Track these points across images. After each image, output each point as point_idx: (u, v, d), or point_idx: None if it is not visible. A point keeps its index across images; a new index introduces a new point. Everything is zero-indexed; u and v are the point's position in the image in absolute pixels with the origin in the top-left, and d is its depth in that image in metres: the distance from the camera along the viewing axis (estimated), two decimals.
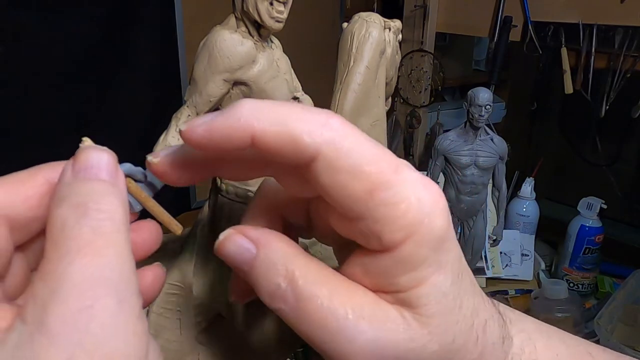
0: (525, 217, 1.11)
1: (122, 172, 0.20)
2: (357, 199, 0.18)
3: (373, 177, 0.18)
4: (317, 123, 0.18)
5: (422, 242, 0.18)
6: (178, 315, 0.55)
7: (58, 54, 1.01)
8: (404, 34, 1.18)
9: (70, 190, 0.18)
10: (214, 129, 0.19)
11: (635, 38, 0.98)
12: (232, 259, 0.21)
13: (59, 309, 0.15)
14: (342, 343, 0.19)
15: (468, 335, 0.20)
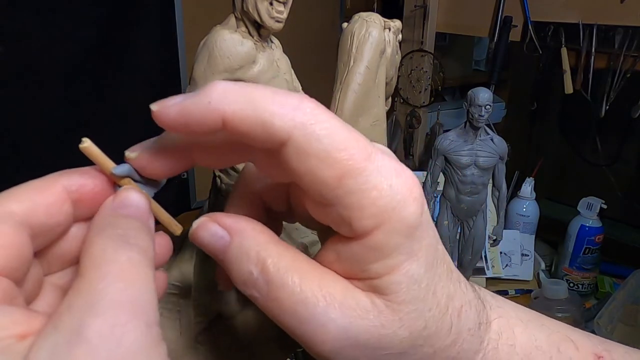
0: (525, 217, 1.11)
1: (152, 215, 0.22)
2: (327, 185, 0.18)
3: (343, 163, 0.18)
4: (289, 106, 0.18)
5: (393, 230, 0.18)
6: (178, 315, 0.55)
7: (58, 53, 1.01)
8: (404, 34, 1.18)
9: (111, 222, 0.19)
10: (186, 111, 0.19)
11: (635, 38, 0.98)
12: (206, 246, 0.22)
13: (97, 322, 0.16)
14: (313, 330, 0.19)
15: (441, 322, 0.21)
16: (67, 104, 1.03)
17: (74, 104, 1.04)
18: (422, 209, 0.19)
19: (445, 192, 0.83)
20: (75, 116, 1.03)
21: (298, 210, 0.24)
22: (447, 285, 0.21)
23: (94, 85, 1.08)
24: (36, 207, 0.19)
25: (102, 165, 0.21)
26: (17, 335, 0.16)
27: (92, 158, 0.21)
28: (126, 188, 0.21)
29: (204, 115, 0.18)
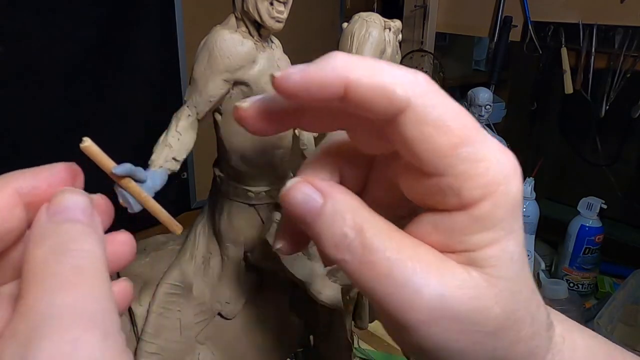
0: (525, 217, 1.11)
1: (97, 213, 0.20)
2: (441, 152, 0.18)
3: (457, 131, 0.18)
4: (407, 77, 0.18)
5: (499, 203, 0.18)
6: (178, 315, 0.55)
7: (58, 53, 1.01)
8: (404, 34, 1.18)
9: (48, 231, 0.18)
10: (308, 78, 0.19)
11: (635, 38, 0.97)
12: (298, 207, 0.21)
13: (43, 344, 0.15)
14: (407, 295, 0.19)
15: (527, 308, 0.20)
16: (67, 104, 1.03)
17: (74, 104, 1.04)
18: (522, 187, 0.20)
19: None
20: (75, 116, 1.03)
21: (375, 188, 0.24)
22: (530, 272, 0.21)
23: (94, 85, 1.08)
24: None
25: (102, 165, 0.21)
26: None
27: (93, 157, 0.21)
28: (63, 190, 0.20)
29: (328, 81, 0.18)
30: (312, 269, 0.53)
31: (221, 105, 0.48)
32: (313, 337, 0.63)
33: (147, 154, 0.43)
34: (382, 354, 0.83)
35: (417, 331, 0.19)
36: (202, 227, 0.57)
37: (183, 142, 0.45)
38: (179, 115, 0.46)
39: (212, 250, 0.57)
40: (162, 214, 0.23)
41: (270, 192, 0.53)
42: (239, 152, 0.51)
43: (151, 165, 0.42)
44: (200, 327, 0.57)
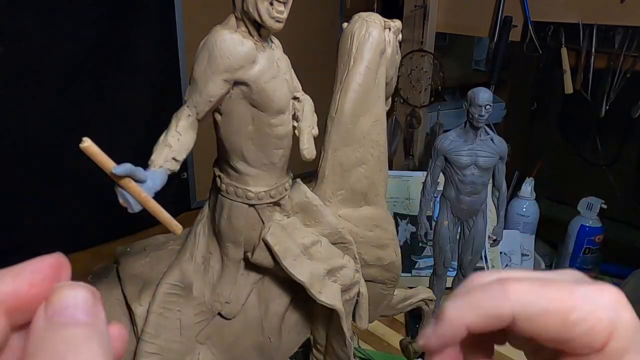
0: (525, 217, 1.11)
1: (102, 308, 0.18)
2: (558, 329, 0.22)
3: (560, 311, 0.22)
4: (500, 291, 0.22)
5: (622, 335, 0.22)
6: (178, 315, 0.55)
7: (58, 54, 1.01)
8: (404, 34, 1.18)
9: (46, 340, 0.16)
10: (482, 310, 0.22)
11: (635, 38, 0.98)
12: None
13: None
14: None
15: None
16: (67, 103, 1.03)
17: (74, 104, 1.04)
18: (632, 310, 0.22)
19: (445, 192, 0.83)
20: (75, 116, 1.03)
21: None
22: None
23: (94, 85, 1.08)
24: (10, 289, 0.17)
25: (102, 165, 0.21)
26: None
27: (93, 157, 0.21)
28: (60, 285, 0.18)
29: (500, 311, 0.22)
30: (312, 270, 0.53)
31: (221, 105, 0.48)
32: (313, 337, 0.63)
33: (147, 154, 0.43)
34: (382, 354, 0.83)
35: None
36: (202, 227, 0.57)
37: (183, 142, 0.45)
38: (179, 115, 0.46)
39: (212, 250, 0.57)
40: (162, 214, 0.23)
41: (270, 192, 0.53)
42: (239, 152, 0.51)
43: (151, 165, 0.42)
44: (200, 327, 0.57)
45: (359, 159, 0.58)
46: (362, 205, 0.61)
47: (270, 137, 0.50)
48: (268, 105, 0.48)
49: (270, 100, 0.48)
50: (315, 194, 0.57)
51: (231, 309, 0.57)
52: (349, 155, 0.58)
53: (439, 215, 0.85)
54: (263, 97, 0.48)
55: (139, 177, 0.23)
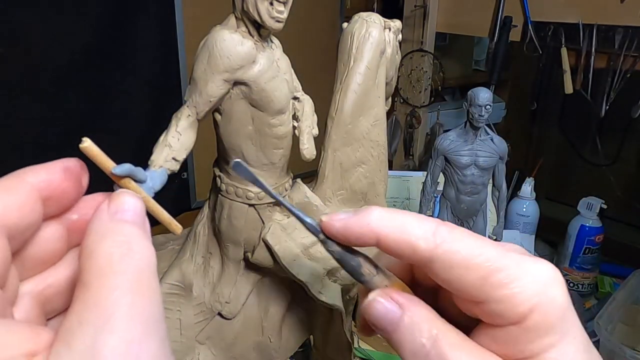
0: (525, 217, 1.11)
1: (147, 219, 0.21)
2: (474, 287, 0.21)
3: (484, 265, 0.21)
4: (429, 231, 0.22)
5: (546, 311, 0.20)
6: (178, 315, 0.55)
7: (58, 54, 1.01)
8: (404, 34, 1.18)
9: (110, 229, 0.19)
10: (349, 228, 0.23)
11: (635, 38, 0.97)
12: (379, 319, 0.23)
13: (112, 339, 0.16)
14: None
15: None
16: (67, 103, 1.03)
17: (73, 104, 1.04)
18: (566, 291, 0.21)
19: (445, 192, 0.83)
20: (75, 116, 1.03)
21: (441, 299, 0.26)
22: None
23: (94, 85, 1.08)
24: (9, 209, 0.18)
25: (102, 165, 0.21)
26: (27, 353, 0.16)
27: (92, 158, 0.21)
28: (121, 192, 0.21)
29: (363, 233, 0.23)
30: (312, 270, 0.53)
31: (221, 105, 0.48)
32: (313, 337, 0.63)
33: (147, 154, 0.43)
34: (382, 354, 0.83)
35: None
36: (202, 227, 0.57)
37: (183, 142, 0.45)
38: (179, 115, 0.46)
39: (212, 250, 0.57)
40: (162, 214, 0.23)
41: None
42: (239, 152, 0.51)
43: (151, 165, 0.42)
44: (200, 327, 0.57)
45: (359, 159, 0.58)
46: (362, 205, 0.61)
47: (270, 137, 0.50)
48: (268, 105, 0.48)
49: (270, 100, 0.48)
50: (315, 194, 0.57)
51: (231, 309, 0.57)
52: (349, 155, 0.58)
53: (438, 215, 0.85)
54: (263, 97, 0.48)
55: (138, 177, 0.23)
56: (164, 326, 0.18)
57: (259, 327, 0.59)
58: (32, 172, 0.20)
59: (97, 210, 0.20)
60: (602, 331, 0.75)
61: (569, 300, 0.21)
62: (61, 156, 0.21)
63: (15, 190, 0.19)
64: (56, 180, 0.20)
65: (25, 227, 0.19)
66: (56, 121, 1.01)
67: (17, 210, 0.19)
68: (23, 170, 0.20)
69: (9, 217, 0.18)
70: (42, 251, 0.21)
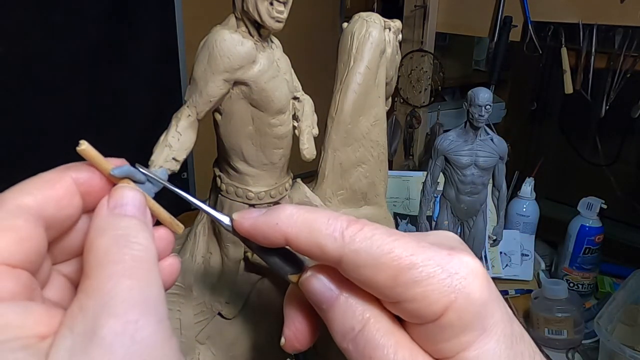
0: (525, 217, 1.11)
1: (148, 210, 0.22)
2: (385, 287, 0.20)
3: (392, 264, 0.20)
4: (337, 231, 0.21)
5: (462, 308, 0.19)
6: (178, 315, 0.55)
7: (58, 54, 1.01)
8: (404, 34, 1.18)
9: (110, 223, 0.20)
10: (257, 228, 0.23)
11: (635, 38, 0.98)
12: (316, 295, 0.23)
13: (110, 321, 0.17)
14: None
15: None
16: (67, 103, 1.03)
17: (73, 104, 1.04)
18: (488, 285, 0.20)
19: (445, 192, 0.83)
20: (75, 116, 1.03)
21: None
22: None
23: (94, 86, 1.08)
24: (48, 201, 0.20)
25: (100, 167, 0.21)
26: (39, 335, 0.17)
27: (90, 160, 0.21)
28: (120, 186, 0.22)
29: (271, 234, 0.22)
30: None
31: (221, 105, 0.48)
32: None
33: (147, 154, 0.43)
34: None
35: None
36: (202, 227, 0.57)
37: (183, 142, 0.45)
38: (179, 116, 0.46)
39: (212, 250, 0.57)
40: (163, 214, 0.24)
41: (270, 192, 0.53)
42: (239, 152, 0.51)
43: (151, 166, 0.42)
44: (200, 327, 0.57)
45: (359, 159, 0.58)
46: (362, 205, 0.61)
47: (270, 137, 0.50)
48: (268, 105, 0.48)
49: (270, 100, 0.48)
50: (315, 194, 0.57)
51: (231, 309, 0.57)
52: (349, 155, 0.58)
53: (438, 215, 0.85)
54: (263, 97, 0.48)
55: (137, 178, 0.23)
56: (164, 309, 0.19)
57: (259, 327, 0.59)
58: (75, 167, 0.21)
59: (98, 205, 0.21)
60: (602, 331, 0.75)
61: (490, 294, 0.20)
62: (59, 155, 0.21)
63: (55, 184, 0.20)
64: (97, 176, 0.21)
65: (63, 219, 0.21)
66: (56, 121, 1.01)
67: (56, 203, 0.20)
68: (67, 165, 0.21)
69: (48, 209, 0.20)
70: (80, 240, 0.22)
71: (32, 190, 0.20)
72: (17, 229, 0.18)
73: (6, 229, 0.18)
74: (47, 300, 0.20)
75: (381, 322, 0.21)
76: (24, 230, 0.19)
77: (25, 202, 0.19)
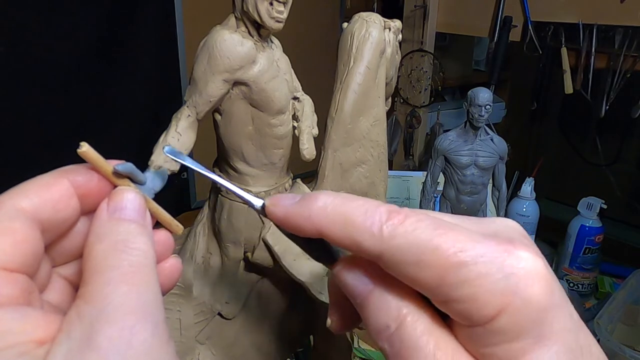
0: (525, 217, 1.11)
1: (149, 213, 0.22)
2: (431, 286, 0.18)
3: (439, 262, 0.18)
4: (376, 225, 0.19)
5: (518, 313, 0.17)
6: (178, 315, 0.55)
7: (58, 54, 1.01)
8: (404, 34, 1.18)
9: (108, 228, 0.20)
10: (289, 218, 0.21)
11: (635, 38, 0.98)
12: (349, 288, 0.21)
13: (105, 327, 0.17)
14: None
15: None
16: (67, 104, 1.03)
17: (73, 104, 1.04)
18: (550, 287, 0.18)
19: (445, 192, 0.83)
20: (75, 116, 1.03)
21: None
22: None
23: (94, 85, 1.08)
24: (44, 203, 0.20)
25: (101, 169, 0.21)
26: (37, 340, 0.17)
27: (91, 162, 0.21)
28: (120, 189, 0.22)
29: (304, 225, 0.21)
30: (312, 270, 0.53)
31: (221, 105, 0.48)
32: (313, 337, 0.63)
33: (147, 154, 0.43)
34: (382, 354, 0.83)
35: None
36: (202, 227, 0.57)
37: (183, 142, 0.45)
38: (179, 116, 0.46)
39: (212, 250, 0.57)
40: (163, 215, 0.23)
41: (270, 192, 0.53)
42: (239, 152, 0.51)
43: (151, 166, 0.42)
44: (200, 327, 0.57)
45: (359, 159, 0.58)
46: None
47: (270, 137, 0.50)
48: (268, 105, 0.49)
49: (270, 100, 0.48)
50: None
51: (231, 309, 0.57)
52: (348, 155, 0.58)
53: None
54: (263, 97, 0.48)
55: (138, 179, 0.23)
56: (161, 313, 0.19)
57: (259, 327, 0.59)
58: (72, 170, 0.21)
59: (97, 209, 0.21)
60: (602, 331, 0.75)
61: (552, 299, 0.18)
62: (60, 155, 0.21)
63: (51, 186, 0.20)
64: (94, 178, 0.21)
65: (60, 222, 0.21)
66: (56, 121, 1.01)
67: (52, 206, 0.20)
68: (64, 168, 0.21)
69: (44, 212, 0.20)
70: (79, 243, 0.22)
71: (28, 193, 0.19)
72: (14, 232, 0.18)
73: (2, 232, 0.18)
74: (46, 304, 0.20)
75: (419, 320, 0.19)
76: (21, 233, 0.18)
77: (21, 205, 0.19)
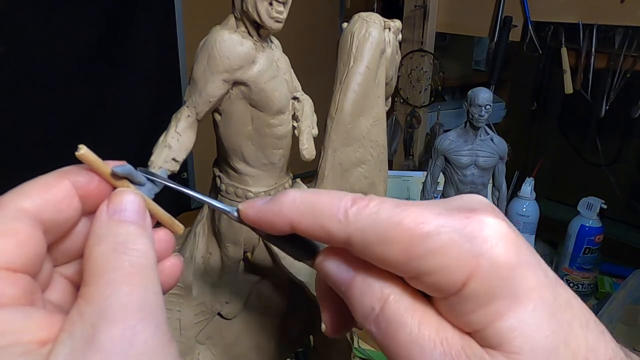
0: (525, 217, 1.11)
1: (148, 214, 0.22)
2: (399, 262, 0.19)
3: (403, 238, 0.18)
4: (342, 211, 0.20)
5: (486, 276, 0.18)
6: (178, 315, 0.55)
7: (58, 54, 1.01)
8: (404, 34, 1.18)
9: (108, 230, 0.20)
10: (262, 216, 0.22)
11: (635, 38, 0.98)
12: (331, 278, 0.22)
13: (108, 327, 0.17)
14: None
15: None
16: (67, 103, 1.03)
17: (73, 104, 1.04)
18: (517, 246, 0.18)
19: (445, 192, 0.83)
20: (74, 116, 1.03)
21: None
22: (585, 335, 0.19)
23: (94, 85, 1.08)
24: (46, 204, 0.20)
25: (99, 171, 0.21)
26: (40, 341, 0.17)
27: (89, 164, 0.21)
28: (119, 190, 0.22)
29: (276, 220, 0.22)
30: (312, 270, 0.53)
31: (221, 105, 0.48)
32: (313, 337, 0.63)
33: (147, 154, 0.43)
34: (382, 354, 0.83)
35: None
36: (202, 227, 0.57)
37: (182, 142, 0.45)
38: (179, 116, 0.46)
39: (212, 250, 0.57)
40: (163, 215, 0.23)
41: (270, 192, 0.53)
42: (239, 152, 0.51)
43: (151, 166, 0.42)
44: (200, 327, 0.57)
45: (359, 159, 0.58)
46: None
47: (270, 137, 0.50)
48: (268, 105, 0.49)
49: (269, 100, 0.48)
50: None
51: (231, 309, 0.57)
52: (348, 155, 0.58)
53: None
54: (262, 97, 0.48)
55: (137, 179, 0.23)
56: (163, 313, 0.19)
57: (259, 327, 0.59)
58: (73, 171, 0.21)
59: (97, 211, 0.21)
60: None
61: (520, 256, 0.18)
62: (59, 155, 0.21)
63: (53, 187, 0.20)
64: (95, 179, 0.21)
65: (61, 222, 0.21)
66: (56, 121, 1.01)
67: (54, 206, 0.20)
68: (65, 168, 0.21)
69: (46, 212, 0.20)
70: (80, 243, 0.22)
71: (30, 194, 0.20)
72: (16, 232, 0.18)
73: (5, 233, 0.18)
74: (48, 304, 0.21)
75: (402, 299, 0.20)
76: (23, 233, 0.19)
77: (23, 205, 0.19)
